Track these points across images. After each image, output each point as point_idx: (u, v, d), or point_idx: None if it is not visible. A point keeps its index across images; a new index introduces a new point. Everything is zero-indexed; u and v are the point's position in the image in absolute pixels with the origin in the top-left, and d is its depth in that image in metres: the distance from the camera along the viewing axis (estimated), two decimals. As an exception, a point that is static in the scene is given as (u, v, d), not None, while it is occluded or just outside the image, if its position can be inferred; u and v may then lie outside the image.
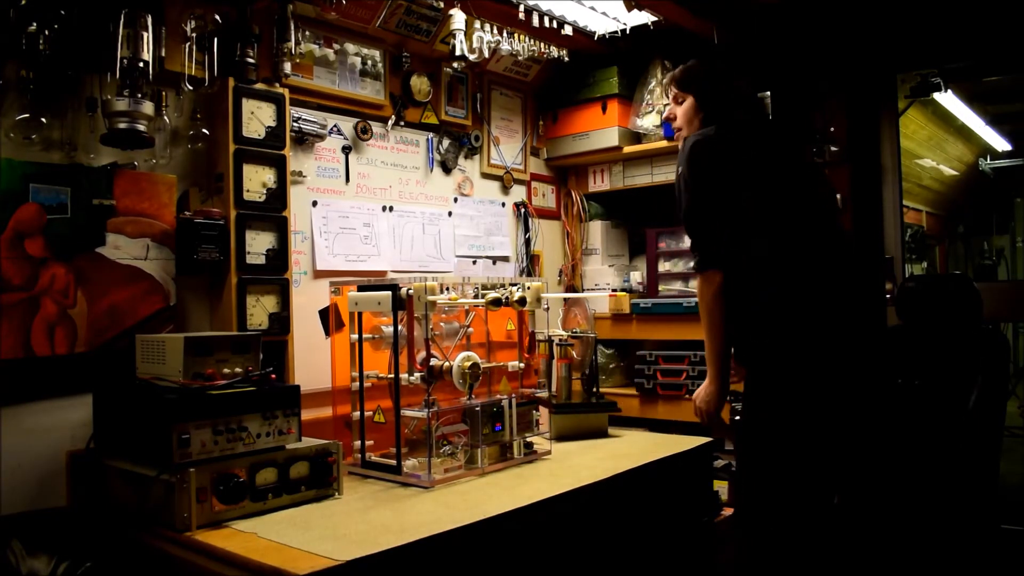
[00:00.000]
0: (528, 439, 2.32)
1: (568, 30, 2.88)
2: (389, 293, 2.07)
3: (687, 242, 3.20)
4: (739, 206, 2.00)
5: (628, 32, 2.98)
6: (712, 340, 2.06)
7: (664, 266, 3.28)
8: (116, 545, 1.74)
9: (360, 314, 2.16)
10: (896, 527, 2.03)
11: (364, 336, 2.17)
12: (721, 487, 2.93)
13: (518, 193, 3.34)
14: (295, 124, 2.41)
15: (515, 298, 2.29)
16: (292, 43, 2.32)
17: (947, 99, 4.35)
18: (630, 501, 2.16)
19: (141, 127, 1.96)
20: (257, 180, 2.23)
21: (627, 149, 3.26)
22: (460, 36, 2.67)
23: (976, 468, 2.41)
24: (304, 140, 2.48)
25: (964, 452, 2.37)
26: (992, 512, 2.68)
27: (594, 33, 3.00)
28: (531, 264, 3.33)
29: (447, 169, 3.00)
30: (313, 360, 2.38)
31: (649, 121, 3.19)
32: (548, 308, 2.47)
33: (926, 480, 2.28)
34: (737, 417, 2.82)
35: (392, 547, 1.52)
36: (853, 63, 3.12)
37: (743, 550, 2.02)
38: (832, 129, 3.06)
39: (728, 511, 2.85)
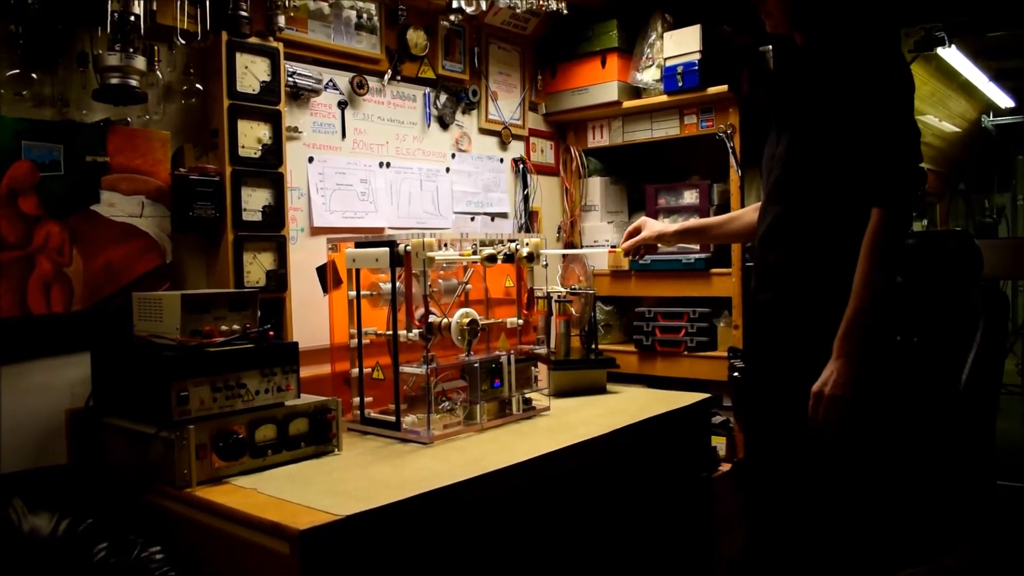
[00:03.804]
0: (527, 395, 2.33)
1: (567, -18, 2.83)
2: (387, 249, 2.06)
3: (686, 198, 3.20)
4: None
5: (628, -16, 2.94)
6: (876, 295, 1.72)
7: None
8: (117, 502, 1.75)
9: (358, 271, 2.15)
10: (892, 484, 2.04)
11: (362, 293, 2.16)
12: (719, 443, 2.95)
13: (516, 149, 3.31)
14: (290, 79, 2.38)
15: (523, 254, 2.28)
16: (286, -5, 2.28)
17: (951, 54, 4.31)
18: (628, 457, 2.17)
19: (133, 82, 1.93)
20: (252, 136, 2.21)
21: (626, 104, 3.23)
22: (457, -12, 2.63)
23: (973, 425, 2.42)
24: (299, 95, 2.45)
25: (961, 409, 2.38)
26: (989, 469, 2.70)
27: (593, -15, 2.95)
28: (529, 221, 3.32)
29: (444, 124, 2.97)
30: (311, 317, 2.38)
31: (649, 75, 3.15)
32: (547, 264, 2.47)
33: (923, 438, 2.30)
34: (736, 372, 2.83)
35: (391, 502, 1.53)
36: (855, 16, 3.08)
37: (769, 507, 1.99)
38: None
39: (725, 467, 2.87)
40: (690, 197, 3.20)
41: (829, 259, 1.83)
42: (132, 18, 1.90)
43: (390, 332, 2.10)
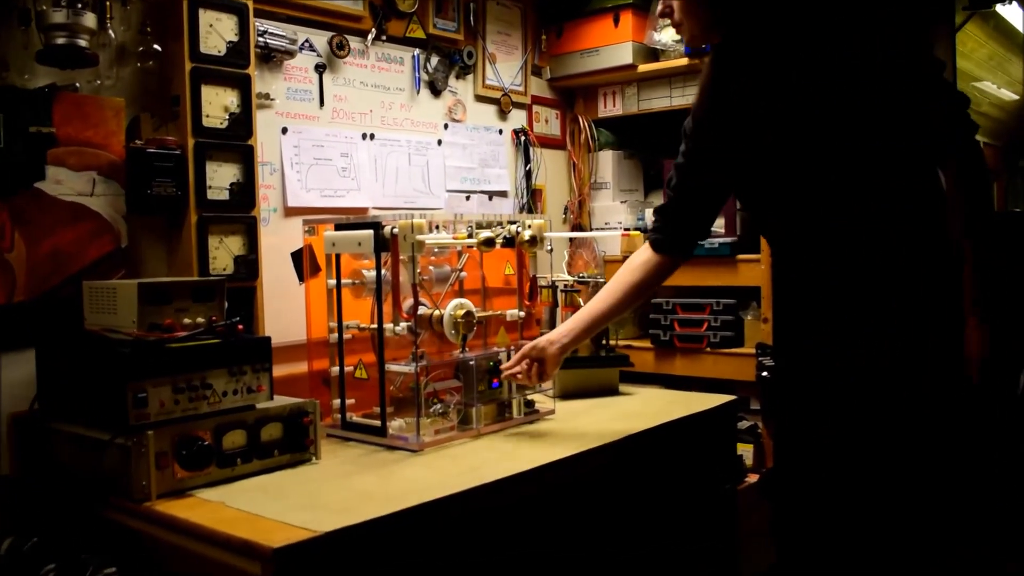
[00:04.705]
0: (529, 397, 2.34)
1: (575, -71, 2.83)
2: (371, 232, 2.06)
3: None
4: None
5: (644, -69, 2.93)
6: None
7: (684, 203, 3.26)
8: (67, 517, 1.75)
9: (338, 256, 2.15)
10: (937, 504, 2.05)
11: (343, 281, 2.17)
12: (746, 451, 2.95)
13: (517, 119, 3.31)
14: (260, 39, 2.37)
15: (525, 238, 2.28)
16: (255, -56, 2.28)
17: (1011, 12, 4.29)
18: (642, 466, 2.18)
19: (82, 42, 1.92)
20: (218, 104, 2.20)
21: (642, 68, 3.23)
22: (450, -64, 2.63)
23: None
24: (271, 57, 2.45)
25: (1018, 418, 2.38)
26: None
27: (605, -68, 2.95)
28: (532, 200, 3.32)
29: (436, 91, 2.97)
30: (285, 309, 2.38)
31: (668, 35, 3.15)
32: (552, 249, 2.47)
33: (976, 447, 2.30)
34: (765, 372, 2.83)
35: (376, 517, 1.53)
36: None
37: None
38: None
39: (752, 477, 2.88)
40: (714, 173, 3.20)
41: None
42: (80, -31, 1.90)
43: (374, 326, 2.11)
